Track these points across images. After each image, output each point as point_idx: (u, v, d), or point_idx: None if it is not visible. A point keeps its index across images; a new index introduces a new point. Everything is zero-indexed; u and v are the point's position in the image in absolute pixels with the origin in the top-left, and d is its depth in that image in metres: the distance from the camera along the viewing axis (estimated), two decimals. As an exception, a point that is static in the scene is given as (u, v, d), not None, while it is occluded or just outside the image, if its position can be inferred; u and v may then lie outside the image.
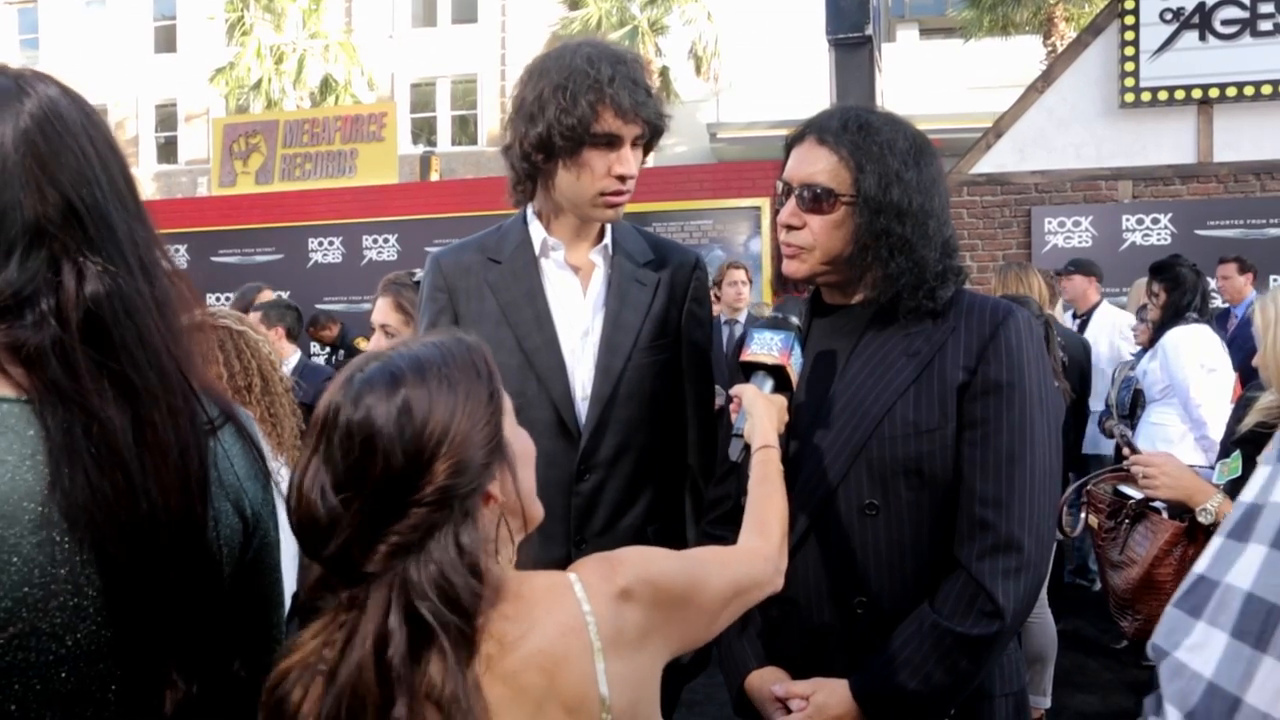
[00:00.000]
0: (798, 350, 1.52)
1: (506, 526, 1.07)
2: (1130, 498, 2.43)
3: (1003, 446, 1.47)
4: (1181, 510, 2.24)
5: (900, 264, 1.52)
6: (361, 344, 7.99)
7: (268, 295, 5.75)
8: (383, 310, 2.59)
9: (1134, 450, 2.41)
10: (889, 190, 1.52)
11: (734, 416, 1.50)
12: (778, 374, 1.50)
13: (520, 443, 1.11)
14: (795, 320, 1.54)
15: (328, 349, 8.76)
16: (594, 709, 1.00)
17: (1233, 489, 2.16)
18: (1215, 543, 0.80)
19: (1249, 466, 2.19)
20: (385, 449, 0.97)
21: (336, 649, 0.98)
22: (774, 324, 1.54)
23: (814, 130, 1.60)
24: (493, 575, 1.02)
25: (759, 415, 1.45)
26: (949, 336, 1.53)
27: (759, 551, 1.30)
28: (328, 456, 0.99)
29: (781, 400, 1.50)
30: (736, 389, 1.51)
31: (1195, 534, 2.20)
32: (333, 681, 0.97)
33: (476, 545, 1.00)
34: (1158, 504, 2.33)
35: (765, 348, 1.51)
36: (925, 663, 1.44)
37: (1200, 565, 0.81)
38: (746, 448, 1.44)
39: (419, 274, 2.59)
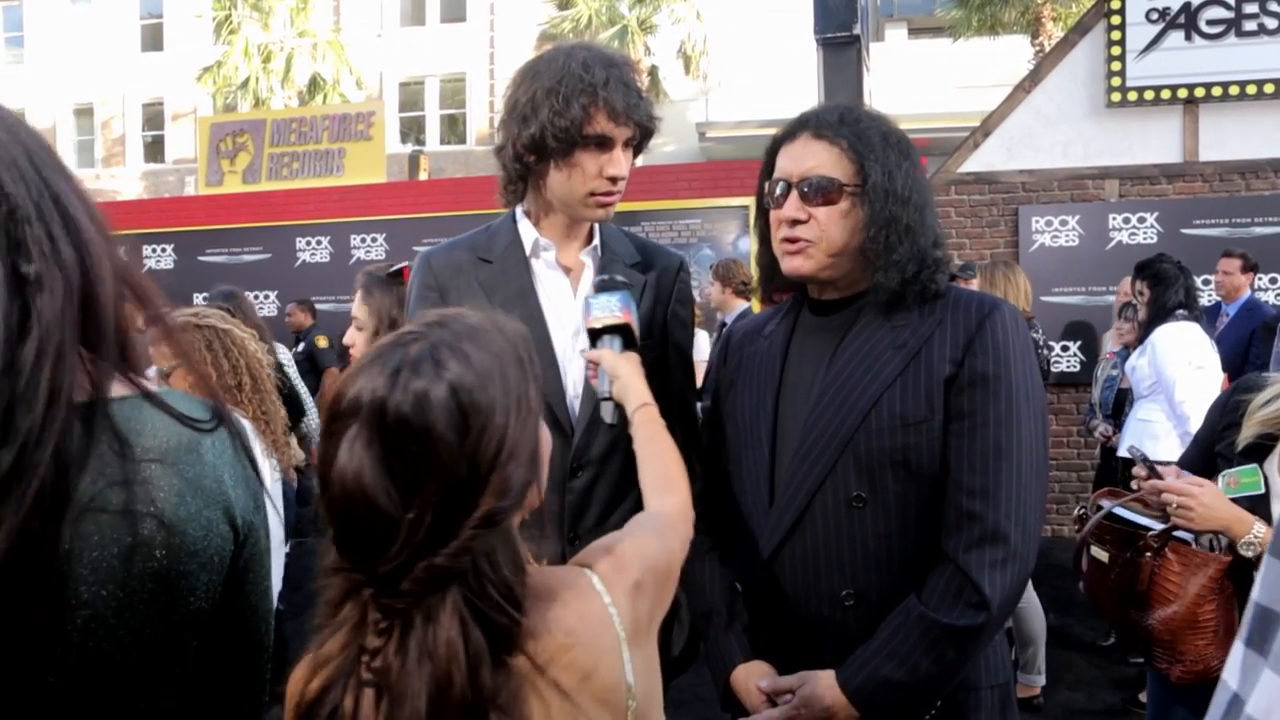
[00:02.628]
0: (634, 306, 1.60)
1: (524, 516, 1.06)
2: (1131, 523, 2.20)
3: (989, 439, 1.48)
4: (1212, 538, 2.06)
5: (905, 251, 1.54)
6: (321, 341, 8.01)
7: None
8: (355, 303, 2.61)
9: (1154, 473, 2.14)
10: (893, 179, 1.55)
11: (594, 382, 1.58)
12: (624, 332, 1.58)
13: (545, 440, 1.08)
14: (621, 279, 1.65)
15: (295, 335, 8.73)
16: (621, 698, 1.02)
17: (1251, 505, 1.99)
18: (1265, 563, 0.74)
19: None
20: (449, 455, 0.91)
21: (386, 657, 0.93)
22: (606, 286, 1.63)
23: (810, 126, 1.62)
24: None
25: (626, 375, 1.49)
26: (935, 329, 1.54)
27: (679, 509, 1.35)
28: (383, 455, 0.91)
29: (635, 357, 1.57)
30: (592, 354, 1.58)
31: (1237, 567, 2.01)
32: (388, 693, 0.92)
33: (519, 556, 1.00)
34: (1181, 533, 2.11)
35: (606, 310, 1.59)
36: (912, 653, 1.45)
37: (1257, 592, 0.74)
38: (619, 409, 1.51)
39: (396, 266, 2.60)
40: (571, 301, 1.89)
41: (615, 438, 1.85)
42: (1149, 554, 2.12)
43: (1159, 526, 2.13)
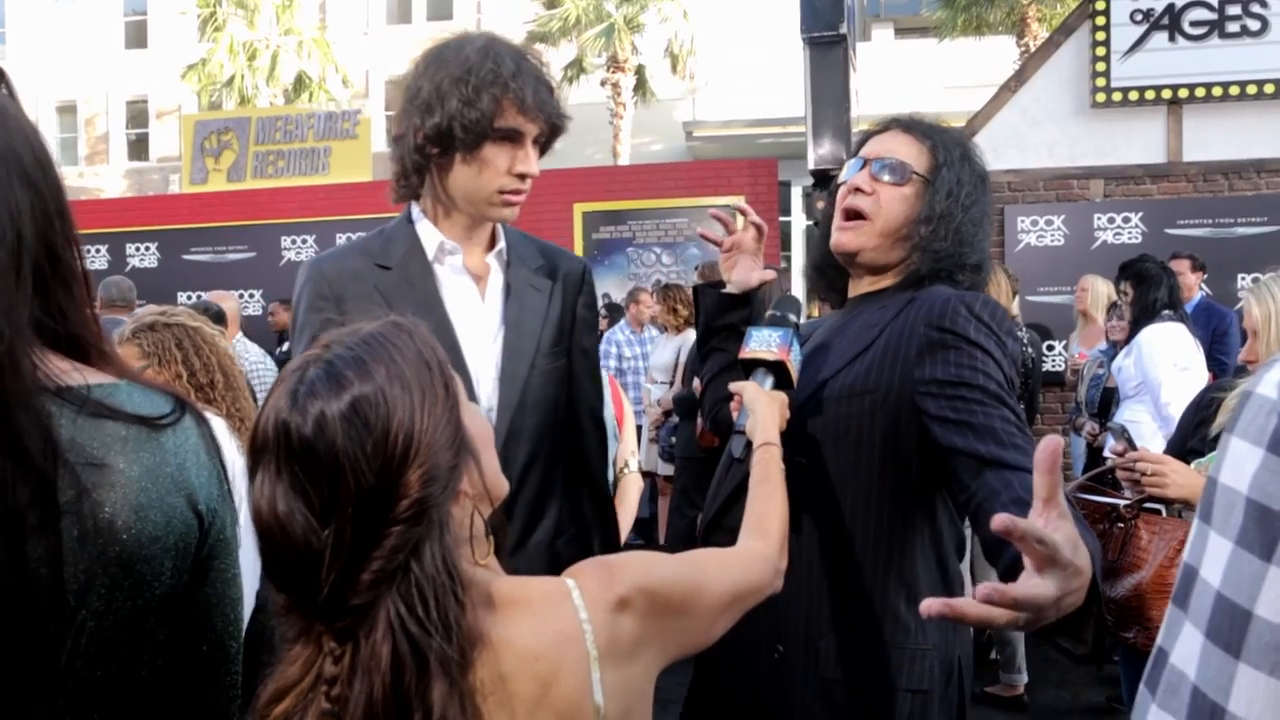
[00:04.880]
0: (796, 346, 1.54)
1: (480, 516, 1.03)
2: (1105, 501, 2.35)
3: (973, 400, 1.41)
4: (1182, 508, 2.18)
5: (947, 246, 1.60)
6: None
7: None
8: None
9: (1132, 447, 2.32)
10: (961, 186, 1.63)
11: (734, 414, 1.52)
12: (777, 370, 1.53)
13: (477, 426, 1.05)
14: (793, 317, 1.57)
15: (278, 334, 8.64)
16: (588, 718, 0.99)
17: None
18: (1193, 526, 0.78)
19: None
20: (353, 468, 0.91)
21: (342, 684, 0.92)
22: (772, 321, 1.57)
23: (901, 124, 1.71)
24: (481, 581, 0.99)
25: (760, 412, 1.46)
26: (905, 306, 1.56)
27: (758, 553, 1.28)
28: (294, 482, 0.92)
29: (782, 397, 1.51)
30: (736, 385, 1.53)
31: None
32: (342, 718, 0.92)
33: (453, 552, 0.96)
34: (1153, 504, 2.26)
35: (764, 344, 1.54)
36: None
37: (1185, 552, 0.79)
38: (749, 444, 1.46)
39: None
40: (480, 307, 1.79)
41: (534, 450, 1.76)
42: (1121, 524, 2.28)
43: (1125, 502, 2.29)
